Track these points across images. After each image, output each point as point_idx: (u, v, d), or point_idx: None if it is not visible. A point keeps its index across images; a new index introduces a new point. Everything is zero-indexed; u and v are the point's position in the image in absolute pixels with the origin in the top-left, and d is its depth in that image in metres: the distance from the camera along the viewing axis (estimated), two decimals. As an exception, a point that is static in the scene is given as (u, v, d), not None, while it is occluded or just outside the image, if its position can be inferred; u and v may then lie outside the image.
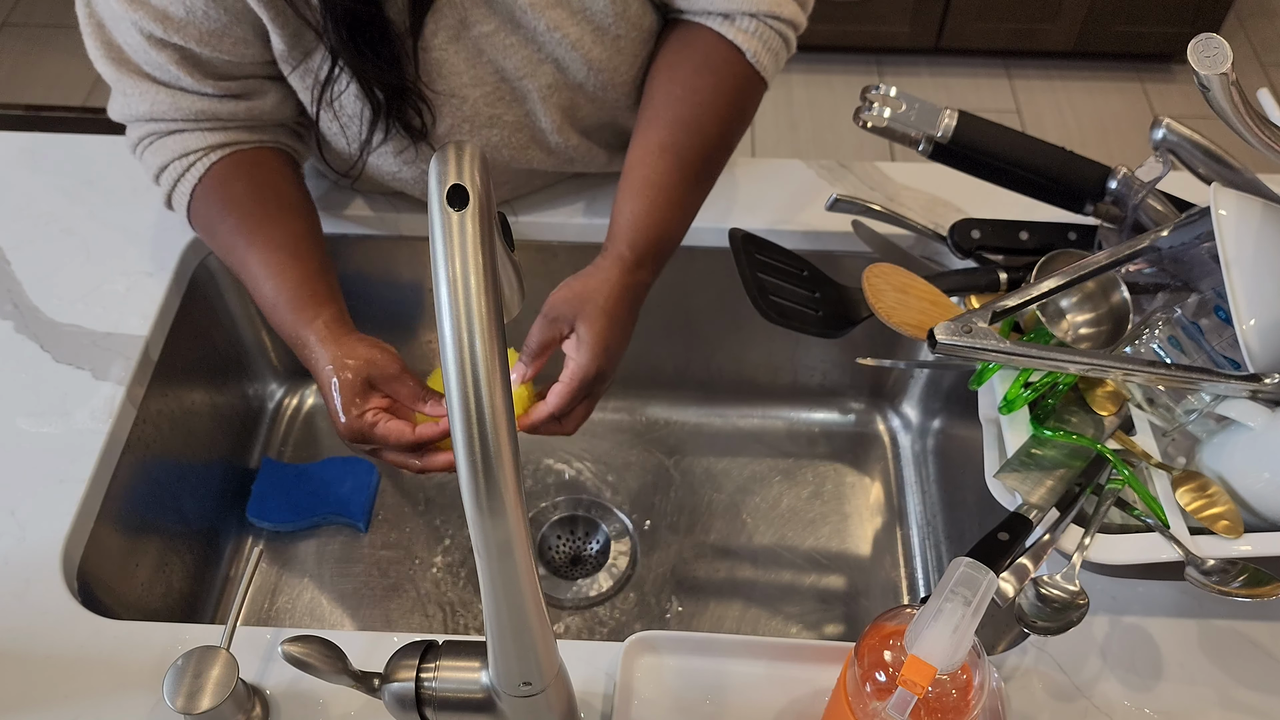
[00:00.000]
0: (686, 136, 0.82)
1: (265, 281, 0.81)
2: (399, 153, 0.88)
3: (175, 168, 0.84)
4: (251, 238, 0.82)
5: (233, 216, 0.83)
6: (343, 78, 0.80)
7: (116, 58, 0.80)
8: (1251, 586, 0.64)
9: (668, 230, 0.81)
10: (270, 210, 0.84)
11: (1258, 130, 0.62)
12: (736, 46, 0.83)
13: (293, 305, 0.79)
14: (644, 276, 0.80)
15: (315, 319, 0.78)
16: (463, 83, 0.83)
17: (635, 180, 0.81)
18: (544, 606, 0.53)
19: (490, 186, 0.44)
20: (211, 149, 0.84)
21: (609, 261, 0.79)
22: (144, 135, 0.84)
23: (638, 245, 0.79)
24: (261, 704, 0.68)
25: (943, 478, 1.04)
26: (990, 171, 0.83)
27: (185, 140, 0.83)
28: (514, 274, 0.58)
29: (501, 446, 0.44)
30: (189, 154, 0.84)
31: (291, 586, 0.98)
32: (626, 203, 0.80)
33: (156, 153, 0.84)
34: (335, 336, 0.78)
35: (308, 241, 0.84)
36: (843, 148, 2.43)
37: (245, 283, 0.83)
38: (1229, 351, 0.74)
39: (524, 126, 0.89)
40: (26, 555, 0.76)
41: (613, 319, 0.76)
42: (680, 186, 0.81)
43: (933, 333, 0.67)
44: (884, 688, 0.55)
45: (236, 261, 0.83)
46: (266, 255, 0.81)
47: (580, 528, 1.04)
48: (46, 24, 2.72)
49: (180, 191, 0.85)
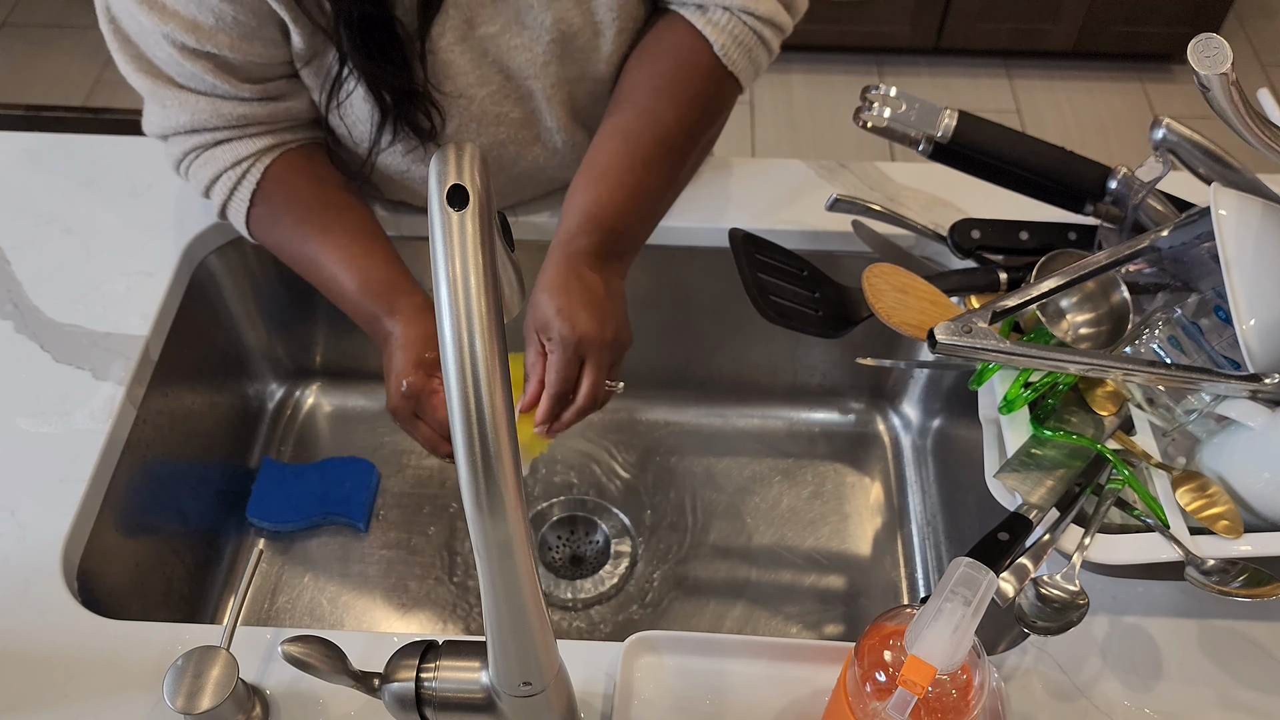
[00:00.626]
0: (639, 121, 0.82)
1: (346, 268, 0.82)
2: (408, 152, 0.88)
3: (229, 177, 0.84)
4: (325, 230, 0.83)
5: (299, 212, 0.84)
6: (350, 80, 0.80)
7: (149, 70, 0.79)
8: (1251, 586, 0.64)
9: (611, 210, 0.80)
10: (335, 203, 0.86)
11: (1258, 130, 0.62)
12: (705, 38, 0.83)
13: (382, 289, 0.82)
14: (581, 245, 0.79)
15: (401, 302, 0.81)
16: (469, 83, 0.83)
17: (584, 165, 0.82)
18: (544, 606, 0.53)
19: (490, 186, 0.44)
20: (263, 153, 0.84)
21: (549, 251, 0.80)
22: (190, 149, 0.83)
23: (570, 226, 0.80)
24: (261, 704, 0.68)
25: (943, 478, 1.04)
26: (990, 171, 0.83)
27: (235, 149, 0.83)
28: (514, 274, 0.58)
29: (501, 446, 0.44)
30: (241, 161, 0.83)
31: (291, 586, 0.98)
32: (572, 185, 0.82)
33: (205, 165, 0.84)
34: (423, 319, 0.81)
35: (377, 229, 0.87)
36: (843, 148, 2.43)
37: (316, 275, 0.84)
38: (1229, 351, 0.74)
39: (529, 124, 0.89)
40: (26, 555, 0.76)
41: (555, 288, 0.77)
42: (627, 170, 0.81)
43: (933, 333, 0.67)
44: (884, 688, 0.55)
45: (307, 256, 0.84)
46: (344, 244, 0.83)
47: (580, 528, 1.04)
48: (46, 24, 2.72)
49: (238, 199, 0.84)
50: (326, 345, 1.12)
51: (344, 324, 1.09)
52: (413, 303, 0.82)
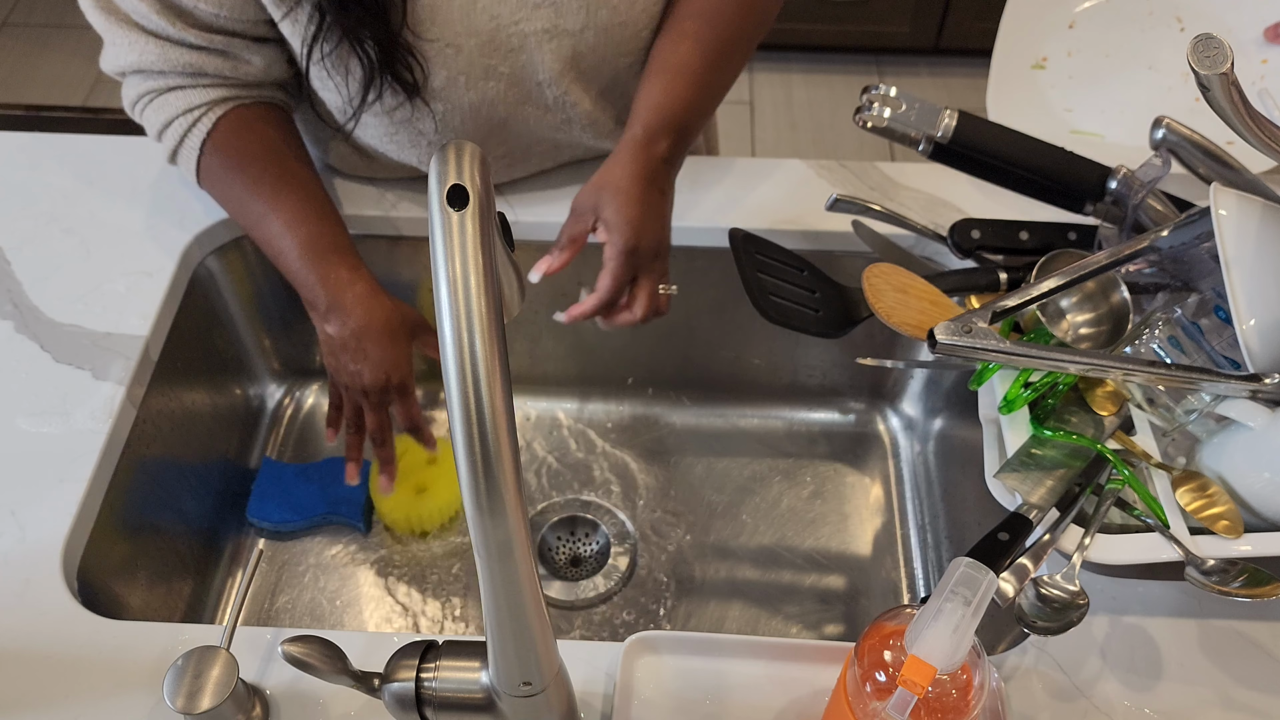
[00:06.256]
0: (707, 26, 0.84)
1: (298, 227, 0.83)
2: (393, 110, 0.87)
3: (180, 123, 0.85)
4: (277, 187, 0.84)
5: (253, 168, 0.85)
6: (332, 34, 0.79)
7: (105, 6, 0.81)
8: (1251, 586, 0.64)
9: (684, 107, 0.83)
10: (289, 164, 0.86)
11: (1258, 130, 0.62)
12: None
13: (333, 249, 0.84)
14: (660, 150, 0.81)
15: (359, 266, 0.84)
16: (455, 31, 0.82)
17: (653, 66, 0.84)
18: (544, 606, 0.53)
19: (490, 186, 0.44)
20: (214, 104, 0.84)
21: (623, 145, 0.82)
22: (143, 93, 0.85)
23: (651, 124, 0.81)
24: (261, 704, 0.68)
25: (943, 478, 1.04)
26: (990, 171, 0.83)
27: (188, 96, 0.84)
28: (514, 274, 0.58)
29: (501, 446, 0.44)
30: (193, 109, 0.84)
31: (291, 586, 0.98)
32: (643, 87, 0.83)
33: (158, 110, 0.85)
34: (377, 287, 0.84)
35: (326, 194, 0.88)
36: (843, 148, 2.43)
37: (265, 233, 0.85)
38: (1229, 351, 0.74)
39: (521, 79, 0.87)
40: (26, 555, 0.76)
41: (631, 195, 0.79)
42: (699, 69, 0.83)
43: (933, 333, 0.67)
44: (884, 688, 0.55)
45: (257, 213, 0.85)
46: (296, 203, 0.84)
47: (580, 528, 1.04)
48: (46, 24, 2.72)
49: (188, 146, 0.85)
50: (326, 345, 1.12)
51: (344, 324, 1.09)
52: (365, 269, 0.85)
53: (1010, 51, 1.03)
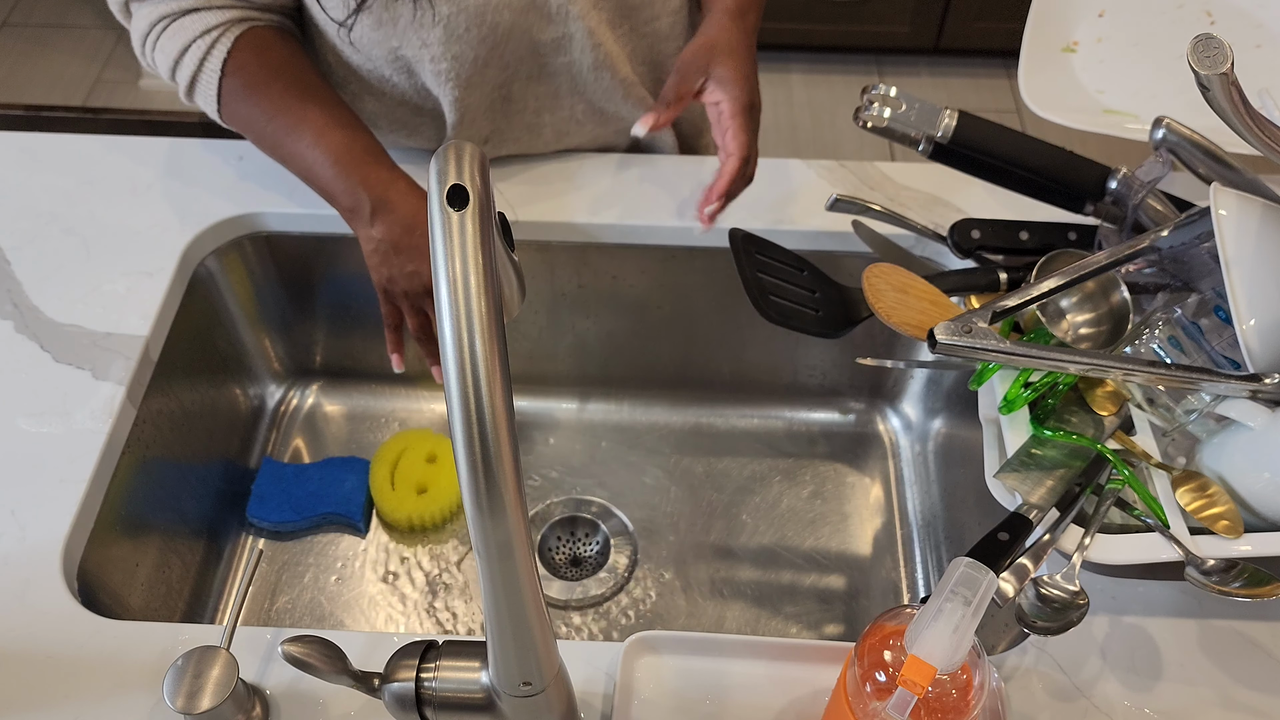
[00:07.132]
0: None
1: (330, 134, 0.82)
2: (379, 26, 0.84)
3: (199, 46, 0.83)
4: (304, 99, 0.83)
5: (277, 84, 0.83)
6: None
7: None
8: (1251, 586, 0.64)
9: None
10: (312, 77, 0.86)
11: (1258, 130, 0.62)
12: None
13: (368, 152, 0.83)
14: (753, 20, 0.86)
15: (396, 166, 0.83)
16: None
17: None
18: (544, 606, 0.53)
19: (490, 186, 0.44)
20: (232, 24, 0.83)
21: (717, 16, 0.86)
22: (157, 19, 0.83)
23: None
24: (261, 704, 0.68)
25: (943, 478, 1.04)
26: (990, 171, 0.83)
27: (204, 18, 0.82)
28: (514, 274, 0.58)
29: (501, 446, 0.44)
30: (211, 30, 0.83)
31: (291, 586, 0.98)
32: None
33: (174, 36, 0.83)
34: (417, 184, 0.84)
35: (349, 107, 0.87)
36: (843, 148, 2.43)
37: (295, 147, 0.84)
38: (1229, 351, 0.74)
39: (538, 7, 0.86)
40: (26, 555, 0.76)
41: (740, 56, 0.83)
42: None
43: (933, 333, 0.67)
44: (884, 688, 0.55)
45: (285, 126, 0.83)
46: (324, 114, 0.83)
47: (580, 528, 1.04)
48: (46, 24, 2.72)
49: (209, 69, 0.83)
50: (326, 345, 1.12)
51: (344, 324, 1.09)
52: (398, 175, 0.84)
53: (1041, 33, 1.03)
